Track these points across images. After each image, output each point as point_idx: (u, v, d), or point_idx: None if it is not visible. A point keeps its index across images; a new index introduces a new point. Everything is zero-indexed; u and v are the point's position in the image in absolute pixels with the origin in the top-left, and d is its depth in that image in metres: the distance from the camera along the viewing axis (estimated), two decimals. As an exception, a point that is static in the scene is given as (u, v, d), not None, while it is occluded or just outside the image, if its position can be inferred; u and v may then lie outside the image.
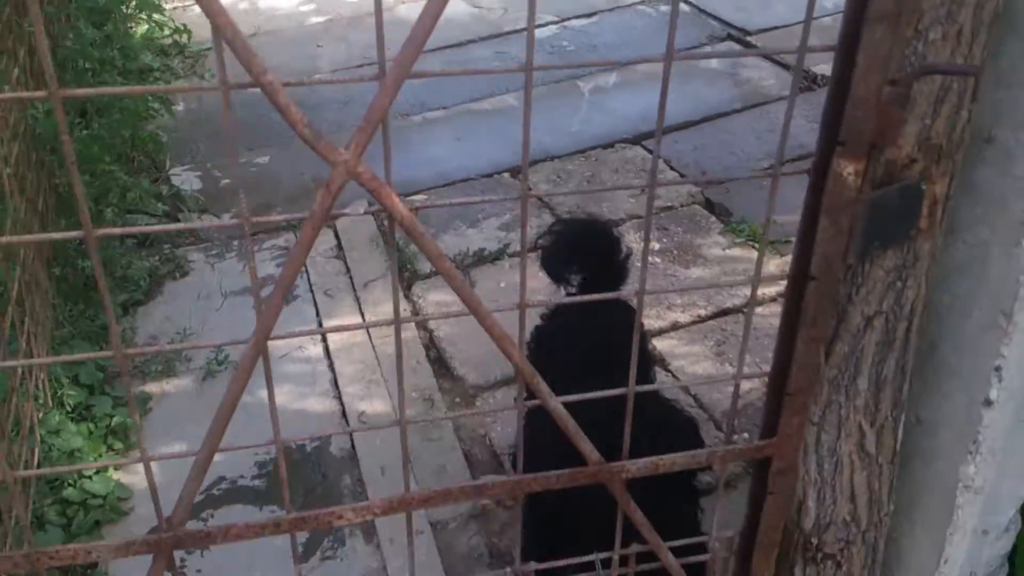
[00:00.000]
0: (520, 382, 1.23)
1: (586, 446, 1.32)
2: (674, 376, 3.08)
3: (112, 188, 3.58)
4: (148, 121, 4.20)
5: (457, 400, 3.08)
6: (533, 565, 1.45)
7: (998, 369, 1.41)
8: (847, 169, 1.14)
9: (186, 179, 4.27)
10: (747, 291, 3.47)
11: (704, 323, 3.34)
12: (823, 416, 1.47)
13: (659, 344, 3.23)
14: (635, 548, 1.48)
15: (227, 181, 4.35)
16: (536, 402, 1.24)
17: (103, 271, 1.08)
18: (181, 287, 3.59)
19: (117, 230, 1.12)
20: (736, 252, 3.68)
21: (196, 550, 2.61)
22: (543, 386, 1.24)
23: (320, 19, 6.12)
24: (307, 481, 2.81)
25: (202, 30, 5.30)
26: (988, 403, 1.44)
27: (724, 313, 3.39)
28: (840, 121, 1.12)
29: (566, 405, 1.27)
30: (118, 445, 2.84)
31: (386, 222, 1.20)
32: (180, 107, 4.85)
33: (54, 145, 3.21)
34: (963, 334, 1.44)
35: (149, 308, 3.49)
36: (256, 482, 2.82)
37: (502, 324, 1.23)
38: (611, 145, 4.44)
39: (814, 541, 1.60)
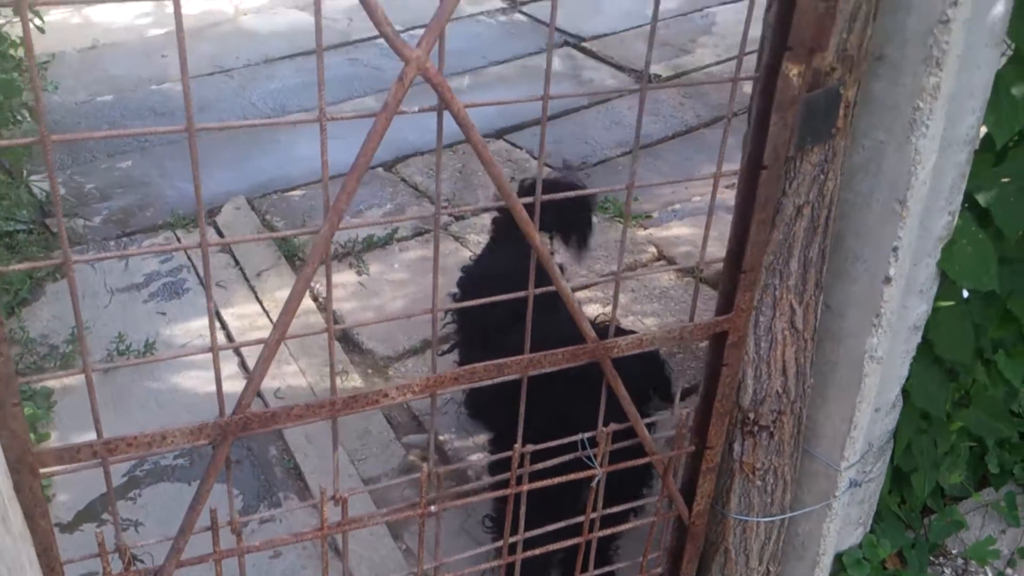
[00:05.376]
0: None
1: (586, 326, 1.53)
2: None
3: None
4: (11, 128, 4.05)
5: (369, 371, 3.21)
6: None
7: (895, 249, 1.73)
8: (793, 71, 1.42)
9: (47, 185, 4.14)
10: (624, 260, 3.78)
11: (587, 289, 3.63)
12: (761, 299, 1.74)
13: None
14: (612, 427, 1.70)
15: (92, 185, 4.26)
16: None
17: None
18: (63, 287, 3.50)
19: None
20: (606, 226, 4.00)
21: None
22: (552, 264, 1.44)
23: (160, 31, 6.02)
24: (235, 454, 2.85)
25: (41, 43, 5.13)
26: (888, 280, 1.76)
27: (604, 276, 3.69)
28: (788, 31, 1.39)
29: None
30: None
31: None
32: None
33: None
34: (865, 224, 1.75)
35: (34, 309, 3.39)
36: (179, 461, 2.83)
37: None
38: (475, 139, 4.68)
39: (751, 415, 1.87)
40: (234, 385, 3.10)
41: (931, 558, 2.40)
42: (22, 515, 1.22)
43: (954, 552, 2.43)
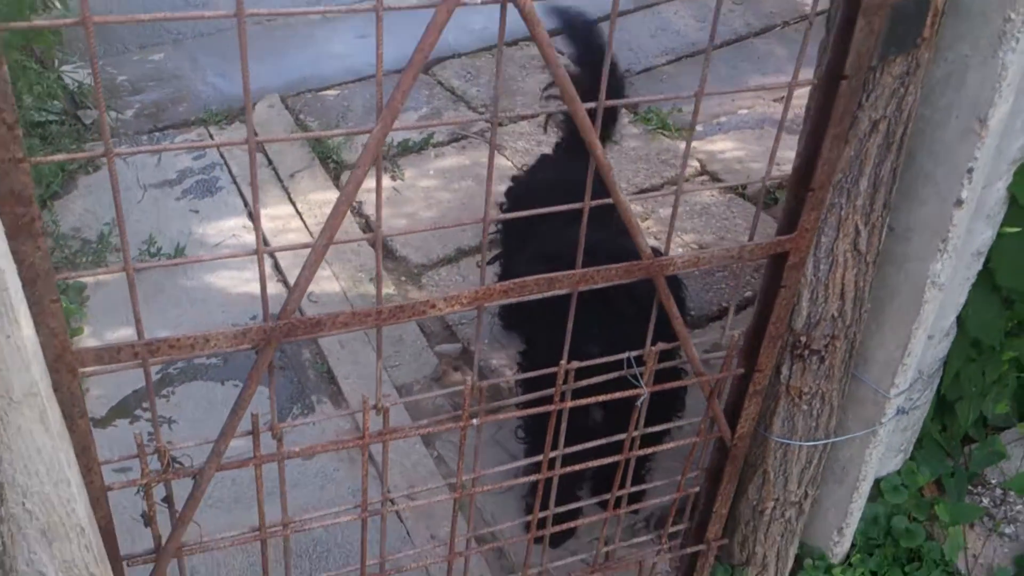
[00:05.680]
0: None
1: (642, 240, 1.46)
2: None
3: (20, 80, 3.39)
4: (41, 15, 3.95)
5: (403, 278, 3.16)
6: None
7: (970, 171, 1.64)
8: (883, -27, 1.31)
9: (79, 76, 4.06)
10: (665, 174, 3.68)
11: (626, 202, 3.54)
12: (824, 219, 1.66)
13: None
14: (660, 346, 1.64)
15: (124, 77, 4.18)
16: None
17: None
18: (96, 180, 3.47)
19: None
20: (649, 138, 3.88)
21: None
22: (612, 176, 1.37)
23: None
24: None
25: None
26: (959, 203, 1.67)
27: (642, 191, 3.60)
28: (881, -72, 1.28)
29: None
30: (63, 331, 2.77)
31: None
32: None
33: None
34: (940, 142, 1.65)
35: (66, 202, 3.36)
36: (212, 360, 2.82)
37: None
38: (515, 43, 4.53)
39: (803, 339, 1.81)
40: (271, 287, 3.07)
41: (969, 487, 2.37)
42: (60, 414, 1.19)
43: (993, 482, 2.39)
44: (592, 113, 1.32)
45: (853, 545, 2.23)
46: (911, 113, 1.56)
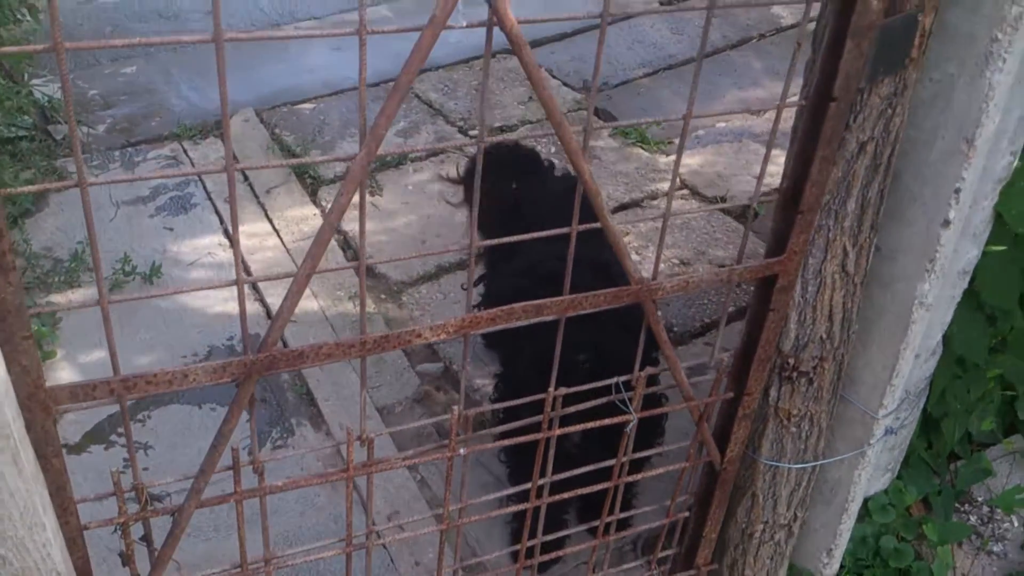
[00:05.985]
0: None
1: (630, 264, 1.43)
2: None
3: (-14, 94, 3.33)
4: (10, 29, 3.88)
5: (382, 296, 3.12)
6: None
7: (957, 191, 1.62)
8: (873, -5, 1.29)
9: (49, 90, 3.99)
10: (645, 188, 3.67)
11: (606, 217, 3.52)
12: (812, 241, 1.64)
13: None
14: (649, 371, 1.62)
15: (95, 91, 4.11)
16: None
17: None
18: (68, 198, 3.40)
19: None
20: (627, 152, 3.87)
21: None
22: (600, 200, 1.34)
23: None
24: (245, 378, 2.79)
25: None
26: (946, 223, 1.66)
27: (623, 208, 3.58)
28: (871, -49, 1.26)
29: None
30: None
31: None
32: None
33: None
34: (927, 163, 1.64)
35: (38, 220, 3.29)
36: (189, 383, 2.76)
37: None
38: (493, 56, 4.51)
39: (791, 361, 1.79)
40: (248, 306, 3.02)
41: (956, 505, 2.36)
42: (34, 454, 1.15)
43: (980, 500, 2.38)
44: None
45: (842, 566, 2.21)
46: (898, 134, 1.55)
